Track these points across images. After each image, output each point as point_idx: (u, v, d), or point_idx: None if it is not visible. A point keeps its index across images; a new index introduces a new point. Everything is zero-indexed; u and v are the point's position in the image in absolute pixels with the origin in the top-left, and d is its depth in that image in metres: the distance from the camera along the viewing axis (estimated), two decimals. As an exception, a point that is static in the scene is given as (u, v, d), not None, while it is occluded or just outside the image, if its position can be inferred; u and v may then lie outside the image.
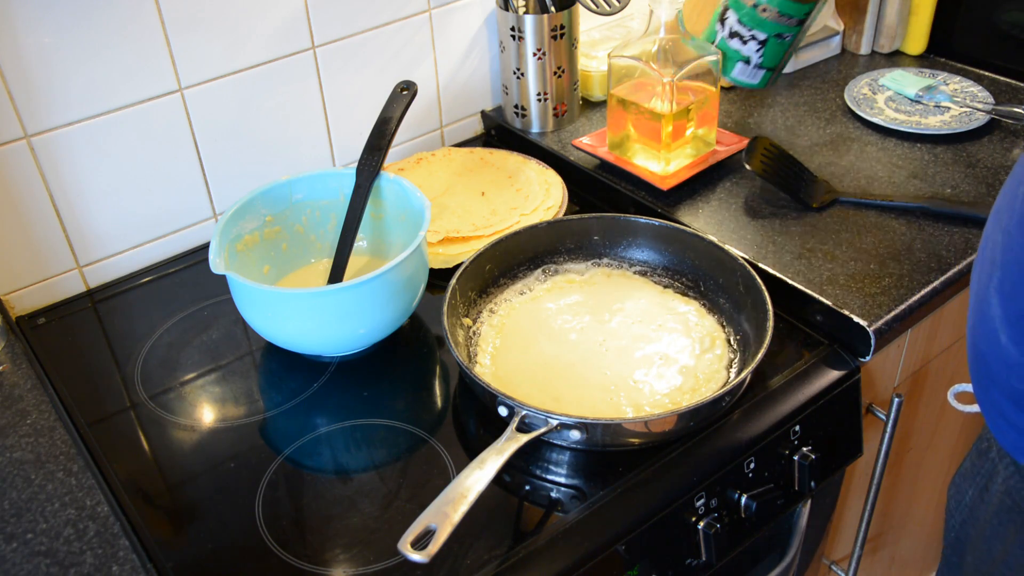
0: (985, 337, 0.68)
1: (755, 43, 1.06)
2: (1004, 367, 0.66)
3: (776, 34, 1.05)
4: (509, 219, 1.05)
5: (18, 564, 0.70)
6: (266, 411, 0.88)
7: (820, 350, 0.90)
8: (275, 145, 1.11)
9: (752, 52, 1.07)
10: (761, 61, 1.08)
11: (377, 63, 1.14)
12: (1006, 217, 0.65)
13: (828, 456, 0.89)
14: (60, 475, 0.77)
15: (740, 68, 1.09)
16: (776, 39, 1.06)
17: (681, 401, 0.82)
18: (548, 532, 0.74)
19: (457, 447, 0.82)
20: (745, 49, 1.08)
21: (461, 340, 0.88)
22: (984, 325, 0.68)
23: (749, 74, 1.09)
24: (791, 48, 1.08)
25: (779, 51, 1.07)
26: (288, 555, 0.73)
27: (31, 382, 0.88)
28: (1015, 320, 0.64)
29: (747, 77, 1.10)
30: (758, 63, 1.08)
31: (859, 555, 1.08)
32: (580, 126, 1.25)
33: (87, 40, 0.93)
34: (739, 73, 1.10)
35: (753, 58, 1.07)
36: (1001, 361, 0.66)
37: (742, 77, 1.10)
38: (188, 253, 1.10)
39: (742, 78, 1.10)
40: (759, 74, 1.09)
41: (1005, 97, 1.22)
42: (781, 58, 1.08)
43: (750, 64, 1.08)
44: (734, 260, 0.90)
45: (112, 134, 0.99)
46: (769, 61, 1.08)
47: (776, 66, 1.09)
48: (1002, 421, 0.69)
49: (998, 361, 0.67)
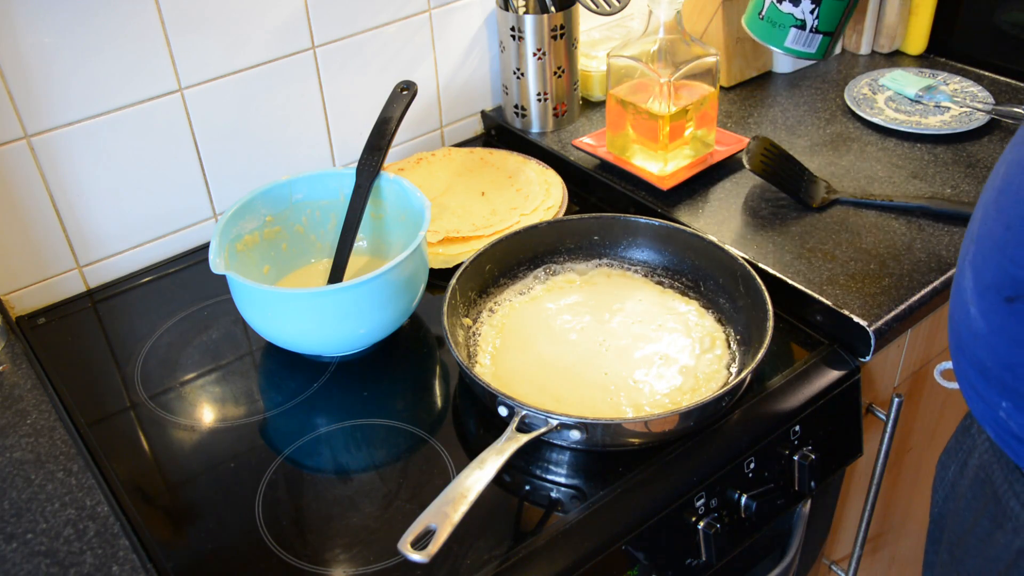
0: (958, 308, 0.71)
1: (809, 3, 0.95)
2: (972, 337, 0.68)
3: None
4: (509, 219, 1.05)
5: (18, 564, 0.70)
6: (266, 411, 0.88)
7: (820, 350, 0.90)
8: (275, 145, 1.11)
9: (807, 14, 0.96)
10: (817, 24, 0.96)
11: (377, 63, 1.14)
12: (985, 193, 0.67)
13: (828, 456, 0.89)
14: (60, 475, 0.77)
15: (794, 35, 0.99)
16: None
17: (681, 401, 0.82)
18: (548, 532, 0.74)
19: (457, 447, 0.82)
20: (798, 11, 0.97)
21: (461, 340, 0.88)
22: (958, 296, 0.71)
23: (805, 41, 0.99)
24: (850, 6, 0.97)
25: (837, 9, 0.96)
26: (288, 555, 0.73)
27: (31, 382, 0.88)
28: (983, 292, 0.66)
29: (802, 45, 0.99)
30: (814, 26, 0.97)
31: (859, 555, 1.08)
32: (580, 126, 1.25)
33: (87, 40, 0.93)
34: (793, 41, 0.99)
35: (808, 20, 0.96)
36: (970, 332, 0.69)
37: (796, 46, 0.99)
38: (188, 253, 1.10)
39: (797, 47, 0.99)
40: (816, 40, 0.99)
41: (1005, 97, 1.22)
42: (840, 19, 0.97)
43: (805, 28, 0.97)
44: (734, 260, 0.90)
45: (112, 134, 0.99)
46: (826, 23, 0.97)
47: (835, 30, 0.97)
48: (971, 391, 0.71)
49: (968, 332, 0.69)
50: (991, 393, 0.68)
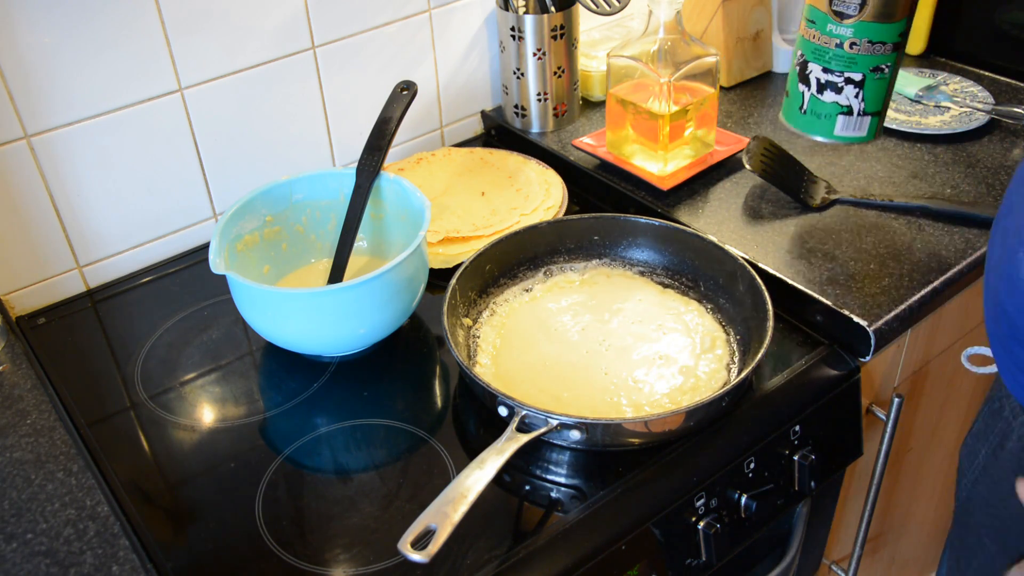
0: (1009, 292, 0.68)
1: (852, 87, 0.94)
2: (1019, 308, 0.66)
3: (872, 68, 0.93)
4: (509, 219, 1.05)
5: (18, 564, 0.70)
6: (266, 411, 0.88)
7: (820, 350, 0.90)
8: (275, 145, 1.11)
9: (851, 99, 0.95)
10: (864, 107, 0.95)
11: (377, 63, 1.14)
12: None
13: (828, 456, 0.89)
14: (60, 475, 0.77)
15: (842, 123, 0.98)
16: (874, 75, 0.94)
17: (681, 401, 0.82)
18: (548, 532, 0.74)
19: (457, 447, 0.82)
20: (842, 98, 0.96)
21: (461, 340, 0.88)
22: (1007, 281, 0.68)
23: (854, 125, 0.97)
24: (892, 81, 0.95)
25: (881, 87, 0.94)
26: (288, 555, 0.73)
27: (31, 382, 0.88)
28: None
29: (852, 130, 0.98)
30: (861, 109, 0.96)
31: (859, 555, 1.08)
32: (580, 126, 1.25)
33: (87, 40, 0.93)
34: (842, 129, 0.98)
35: (855, 105, 0.96)
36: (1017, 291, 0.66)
37: (846, 132, 0.98)
38: (188, 253, 1.10)
39: (847, 133, 0.98)
40: (864, 122, 0.97)
41: (1005, 97, 1.22)
42: (885, 96, 0.95)
43: (852, 113, 0.96)
44: (734, 260, 0.90)
45: (112, 134, 0.99)
46: (873, 103, 0.96)
47: (882, 108, 0.96)
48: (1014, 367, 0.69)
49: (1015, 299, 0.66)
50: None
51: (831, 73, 0.95)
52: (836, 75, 0.94)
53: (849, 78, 0.94)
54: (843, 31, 0.92)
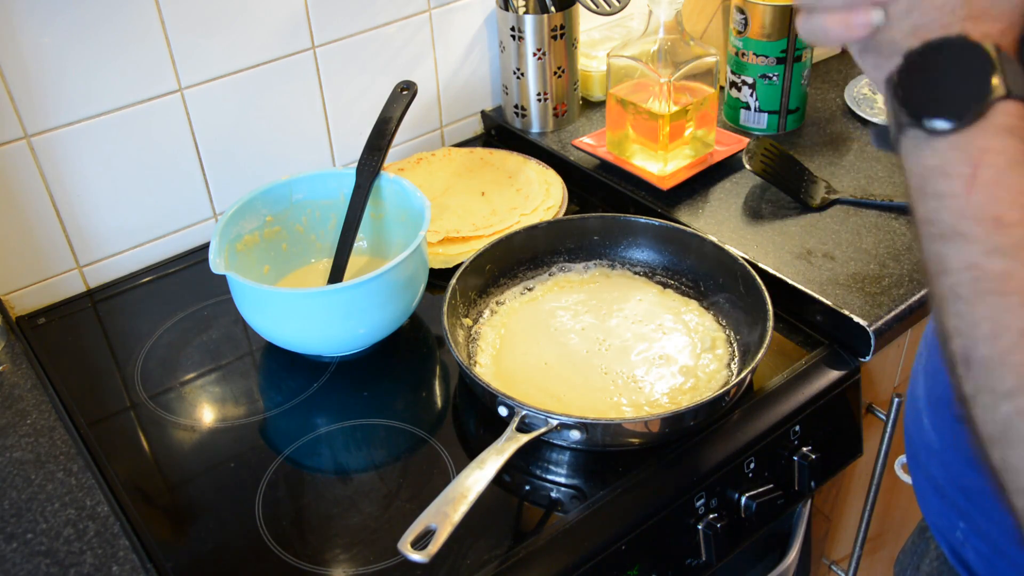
0: (911, 418, 0.68)
1: (747, 88, 1.16)
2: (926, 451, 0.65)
3: (761, 75, 1.13)
4: (509, 219, 1.05)
5: (18, 564, 0.70)
6: (266, 411, 0.88)
7: (820, 350, 0.90)
8: (275, 145, 1.11)
9: (748, 97, 1.16)
10: (759, 105, 1.16)
11: (377, 63, 1.14)
12: None
13: (828, 456, 0.89)
14: (60, 475, 0.77)
15: (744, 115, 1.18)
16: (763, 80, 1.14)
17: (681, 401, 0.82)
18: (548, 532, 0.74)
19: (457, 447, 0.82)
20: (742, 95, 1.17)
21: (461, 340, 0.88)
22: (911, 404, 0.68)
23: (754, 120, 1.18)
24: (790, 88, 1.14)
25: (772, 93, 1.15)
26: (288, 555, 0.73)
27: (31, 382, 0.88)
28: (935, 403, 0.63)
29: (753, 123, 1.18)
30: (757, 107, 1.16)
31: (859, 555, 1.08)
32: (580, 126, 1.25)
33: (87, 40, 0.93)
34: (745, 120, 1.18)
35: (751, 103, 1.16)
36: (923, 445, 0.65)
37: (749, 124, 1.18)
38: (188, 253, 1.10)
39: (750, 124, 1.18)
40: (763, 118, 1.17)
41: (1005, 97, 1.21)
42: (780, 100, 1.15)
43: (751, 110, 1.17)
44: (734, 260, 0.90)
45: (112, 134, 0.99)
46: (768, 104, 1.16)
47: (778, 109, 1.16)
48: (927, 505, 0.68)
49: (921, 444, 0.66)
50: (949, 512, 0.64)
51: (734, 74, 1.17)
52: (736, 76, 1.16)
53: (744, 80, 1.15)
54: (738, 43, 1.14)
